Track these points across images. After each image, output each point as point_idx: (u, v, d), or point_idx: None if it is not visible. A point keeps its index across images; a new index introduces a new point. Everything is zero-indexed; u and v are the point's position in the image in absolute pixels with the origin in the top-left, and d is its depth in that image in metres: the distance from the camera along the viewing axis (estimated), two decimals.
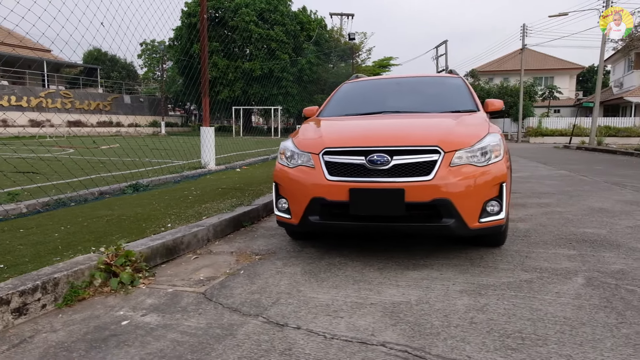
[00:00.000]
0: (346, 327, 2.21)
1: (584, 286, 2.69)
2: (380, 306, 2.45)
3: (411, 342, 2.03)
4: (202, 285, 2.86)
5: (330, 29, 35.90)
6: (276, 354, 1.96)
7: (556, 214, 4.85)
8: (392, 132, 3.25)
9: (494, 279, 2.83)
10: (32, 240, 3.54)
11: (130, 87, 42.99)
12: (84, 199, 5.48)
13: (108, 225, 4.00)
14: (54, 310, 2.51)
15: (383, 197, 2.89)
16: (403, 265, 3.14)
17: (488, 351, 1.93)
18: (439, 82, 4.69)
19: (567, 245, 3.60)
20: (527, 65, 39.64)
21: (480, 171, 2.93)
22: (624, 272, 2.93)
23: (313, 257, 3.41)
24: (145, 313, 2.45)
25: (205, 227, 3.91)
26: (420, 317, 2.30)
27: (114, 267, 2.85)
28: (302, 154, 3.23)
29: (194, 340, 2.11)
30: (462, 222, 2.87)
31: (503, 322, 2.21)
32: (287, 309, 2.45)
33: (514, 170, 9.78)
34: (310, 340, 2.07)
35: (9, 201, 4.91)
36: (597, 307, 2.38)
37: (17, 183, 6.64)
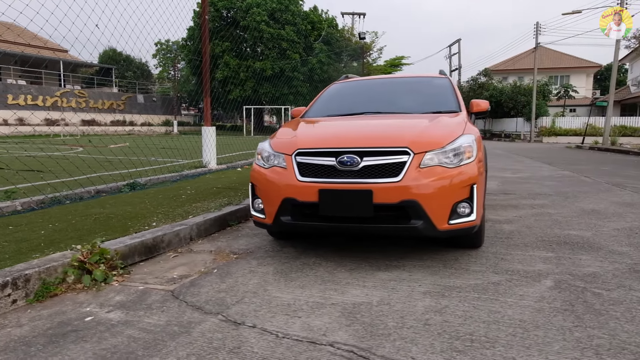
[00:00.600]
0: (300, 326, 2.23)
1: (550, 289, 2.67)
2: (340, 306, 2.47)
3: (360, 342, 2.05)
4: (173, 284, 2.91)
5: (341, 29, 35.86)
6: (225, 351, 2.00)
7: (546, 216, 4.79)
8: (364, 134, 3.27)
9: (462, 281, 2.83)
10: (17, 237, 3.64)
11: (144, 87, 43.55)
12: (80, 197, 5.59)
13: (95, 224, 4.09)
14: (25, 305, 2.58)
15: (351, 198, 2.90)
16: (375, 266, 3.15)
17: (434, 353, 1.94)
18: (425, 82, 4.68)
19: (546, 247, 3.57)
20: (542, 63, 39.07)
21: (450, 173, 2.93)
22: (595, 275, 2.90)
23: (289, 257, 3.44)
24: (111, 310, 2.51)
25: (188, 226, 3.97)
26: (376, 318, 2.31)
27: (88, 265, 2.92)
28: (277, 155, 3.26)
29: (149, 337, 2.16)
30: (430, 224, 2.87)
31: (457, 325, 2.21)
32: (248, 308, 2.49)
33: (516, 170, 9.69)
34: (261, 339, 2.11)
35: (5, 199, 5.04)
36: (557, 310, 2.36)
37: (20, 181, 6.82)
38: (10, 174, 7.60)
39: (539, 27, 30.42)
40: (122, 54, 42.66)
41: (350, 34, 35.82)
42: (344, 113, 4.08)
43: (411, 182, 2.85)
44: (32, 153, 12.75)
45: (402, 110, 4.01)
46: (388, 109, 4.07)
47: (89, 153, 13.28)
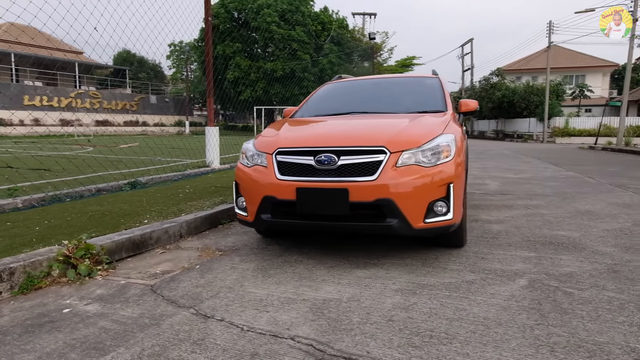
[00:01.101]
0: (267, 320, 2.29)
1: (523, 288, 2.68)
2: (310, 302, 2.52)
3: (321, 336, 2.10)
4: (154, 279, 2.99)
5: (351, 29, 35.88)
6: (188, 343, 2.06)
7: (538, 216, 4.77)
8: (342, 133, 3.31)
9: (437, 279, 2.85)
10: (12, 233, 3.76)
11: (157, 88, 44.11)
12: (80, 195, 5.73)
13: (89, 220, 4.20)
14: (9, 297, 2.68)
15: (328, 196, 2.95)
16: (354, 264, 3.19)
17: (390, 347, 1.98)
18: (414, 82, 4.70)
19: (530, 247, 3.57)
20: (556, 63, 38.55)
21: (426, 172, 2.95)
22: (572, 274, 2.90)
23: (272, 254, 3.50)
24: (90, 302, 2.59)
25: (178, 223, 4.06)
26: (342, 314, 2.35)
27: (73, 259, 3.01)
28: (259, 154, 3.32)
29: (120, 328, 2.23)
30: (405, 222, 2.90)
31: (420, 321, 2.24)
32: (221, 302, 2.55)
33: (520, 171, 9.61)
34: (226, 332, 2.17)
35: (7, 196, 5.20)
36: (524, 308, 2.38)
37: (28, 179, 7.02)
38: (18, 173, 7.81)
39: (552, 26, 30.03)
40: (135, 56, 43.29)
41: (361, 34, 35.80)
42: (331, 113, 4.13)
43: (386, 180, 2.89)
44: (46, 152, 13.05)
45: (388, 110, 4.04)
46: (374, 109, 4.10)
47: (100, 152, 13.54)
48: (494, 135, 38.13)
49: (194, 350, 1.99)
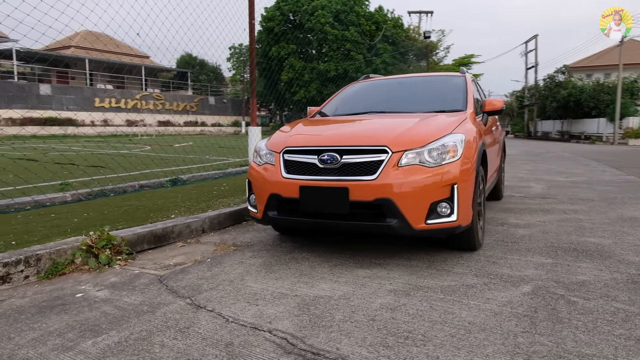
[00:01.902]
0: (253, 313, 2.36)
1: (524, 294, 2.56)
2: (300, 298, 2.57)
3: (298, 331, 2.14)
4: (166, 270, 3.17)
5: (407, 28, 35.32)
6: (174, 330, 2.19)
7: (573, 222, 4.50)
8: (347, 133, 3.32)
9: (436, 282, 2.80)
10: (53, 223, 4.12)
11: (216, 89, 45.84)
12: (124, 190, 6.13)
13: (122, 214, 4.50)
14: (35, 281, 2.96)
15: (329, 195, 2.98)
16: (359, 263, 3.20)
17: (360, 346, 1.99)
18: (439, 81, 4.60)
19: (550, 253, 3.39)
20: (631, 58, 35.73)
21: (429, 172, 2.90)
22: (584, 283, 2.73)
23: (283, 251, 3.58)
24: (102, 289, 2.80)
25: (201, 219, 4.25)
26: (327, 311, 2.38)
27: (95, 249, 3.26)
28: (270, 153, 3.42)
29: (118, 313, 2.40)
30: (405, 223, 2.87)
31: (402, 322, 2.23)
32: (217, 294, 2.66)
33: (572, 174, 9.06)
34: (211, 322, 2.27)
35: (59, 191, 5.67)
36: (516, 315, 2.28)
37: (85, 174, 7.62)
38: (79, 169, 8.48)
39: None
40: (197, 59, 45.25)
41: (416, 33, 35.16)
42: (349, 113, 4.15)
43: (386, 180, 2.87)
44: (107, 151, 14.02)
45: (405, 109, 3.99)
46: (392, 109, 4.07)
47: (155, 151, 14.33)
48: (558, 137, 35.99)
49: (176, 337, 2.11)
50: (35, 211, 4.75)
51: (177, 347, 2.02)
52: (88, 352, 1.98)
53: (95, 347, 2.03)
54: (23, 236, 3.62)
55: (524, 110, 43.99)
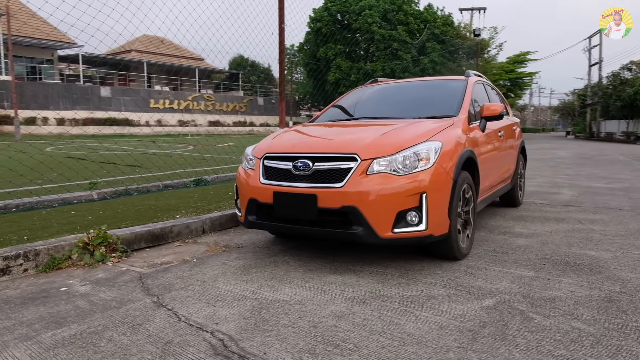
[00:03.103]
0: (207, 314, 2.47)
1: (482, 308, 2.50)
2: (259, 301, 2.65)
3: (237, 334, 2.23)
4: (151, 268, 3.36)
5: (457, 25, 34.26)
6: (126, 326, 2.34)
7: (582, 232, 4.26)
8: (322, 140, 3.36)
9: (400, 291, 2.78)
10: (70, 220, 4.46)
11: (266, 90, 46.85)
12: (147, 190, 6.49)
13: (134, 213, 4.79)
14: (33, 274, 3.24)
15: (299, 201, 3.04)
16: (334, 270, 3.23)
17: (288, 352, 2.04)
18: (439, 85, 4.51)
19: (536, 266, 3.25)
20: None
21: (396, 180, 2.89)
22: (554, 299, 2.61)
23: (268, 254, 3.68)
24: (86, 284, 3.03)
25: (201, 220, 4.44)
26: (276, 315, 2.44)
27: (91, 246, 3.51)
28: (253, 159, 3.52)
29: (88, 307, 2.60)
30: (371, 231, 2.87)
31: (341, 330, 2.25)
32: (184, 294, 2.80)
33: (615, 180, 8.50)
34: (164, 320, 2.40)
35: (88, 189, 6.10)
36: (461, 329, 2.24)
37: (123, 173, 8.14)
38: (117, 168, 9.04)
39: None
40: (248, 60, 46.47)
41: (467, 30, 34.05)
42: (343, 118, 4.18)
43: (353, 188, 2.89)
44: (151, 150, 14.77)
45: (397, 115, 3.96)
46: (384, 114, 4.06)
47: (197, 151, 14.92)
48: (623, 138, 33.53)
49: (125, 333, 2.26)
50: (60, 208, 5.15)
51: (121, 342, 2.16)
52: (43, 343, 2.17)
53: (52, 339, 2.22)
54: (38, 232, 3.96)
55: (586, 109, 41.43)
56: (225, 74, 44.84)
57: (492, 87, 5.46)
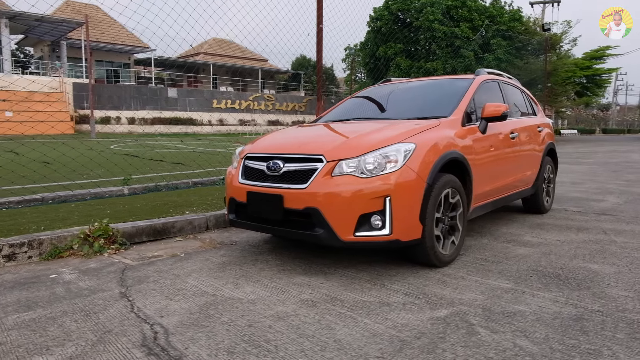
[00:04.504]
0: (158, 307, 2.59)
1: (430, 319, 2.39)
2: (214, 298, 2.72)
3: (174, 327, 2.31)
4: (139, 261, 3.55)
5: (526, 20, 32.34)
6: (82, 313, 2.51)
7: (598, 244, 3.91)
8: (296, 141, 3.35)
9: (358, 296, 2.73)
10: (91, 213, 4.82)
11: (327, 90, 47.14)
12: (176, 186, 6.83)
13: (150, 208, 5.07)
14: (37, 261, 3.55)
15: (267, 201, 3.07)
16: (307, 271, 3.22)
17: (209, 348, 2.09)
18: (444, 84, 4.31)
19: (520, 277, 3.03)
20: None
21: (359, 182, 2.83)
22: (516, 313, 2.43)
23: (255, 252, 3.75)
24: (74, 272, 3.27)
25: (205, 216, 4.61)
26: (221, 312, 2.50)
27: (91, 238, 3.78)
28: (237, 158, 3.61)
29: (62, 294, 2.81)
30: (332, 233, 2.83)
31: (273, 332, 2.26)
32: (152, 286, 2.94)
33: None
34: (118, 310, 2.54)
35: (121, 185, 6.54)
36: (393, 339, 2.16)
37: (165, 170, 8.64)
38: (160, 166, 9.59)
39: None
40: (310, 61, 47.02)
41: (537, 26, 32.02)
42: (340, 119, 4.16)
43: (316, 189, 2.87)
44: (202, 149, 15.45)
45: (390, 116, 3.88)
46: (378, 115, 3.99)
47: None
48: None
49: (78, 320, 2.43)
50: (90, 202, 5.58)
51: (68, 328, 2.33)
52: (5, 324, 2.39)
53: (15, 321, 2.43)
54: (56, 223, 4.33)
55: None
56: (287, 75, 45.80)
57: (515, 86, 5.15)
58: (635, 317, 2.39)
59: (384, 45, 33.23)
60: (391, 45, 32.99)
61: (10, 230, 3.97)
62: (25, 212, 4.86)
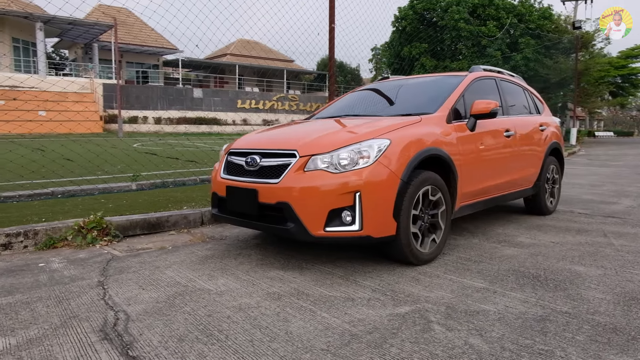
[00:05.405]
0: (130, 296, 2.66)
1: (389, 315, 2.37)
2: (185, 289, 2.78)
3: (137, 315, 2.38)
4: (127, 252, 3.66)
5: (556, 18, 31.37)
6: (55, 300, 2.61)
7: (593, 246, 3.78)
8: (275, 136, 3.38)
9: (326, 291, 2.74)
10: (92, 206, 4.99)
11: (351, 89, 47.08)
12: (183, 183, 6.98)
13: (150, 203, 5.20)
14: (32, 251, 3.71)
15: (243, 195, 3.11)
16: (284, 265, 3.25)
17: (162, 335, 2.14)
18: (435, 82, 4.24)
19: (497, 278, 2.97)
20: None
21: (330, 177, 2.83)
22: (479, 312, 2.39)
23: (241, 247, 3.80)
24: (62, 262, 3.40)
25: (200, 211, 4.70)
26: (186, 302, 2.55)
27: (85, 230, 3.92)
28: (221, 155, 3.67)
29: (45, 281, 2.93)
30: (302, 228, 2.85)
31: (229, 322, 2.29)
32: (130, 277, 3.03)
33: None
34: (90, 298, 2.63)
35: (129, 181, 6.73)
36: (344, 333, 2.16)
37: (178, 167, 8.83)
38: (176, 163, 9.81)
39: None
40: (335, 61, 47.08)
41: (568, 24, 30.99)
42: (329, 115, 4.16)
43: (287, 184, 2.90)
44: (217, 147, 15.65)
45: (375, 112, 3.87)
46: (364, 112, 3.99)
47: None
48: None
49: (49, 305, 2.53)
50: (97, 196, 5.77)
51: (38, 312, 2.43)
52: None
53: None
54: (58, 215, 4.50)
55: None
56: (313, 75, 45.98)
57: (517, 84, 5.03)
58: (603, 320, 2.31)
59: (408, 45, 32.89)
60: (416, 45, 32.62)
61: (13, 221, 4.15)
62: (33, 205, 5.07)
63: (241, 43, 42.52)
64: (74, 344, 2.06)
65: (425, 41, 32.29)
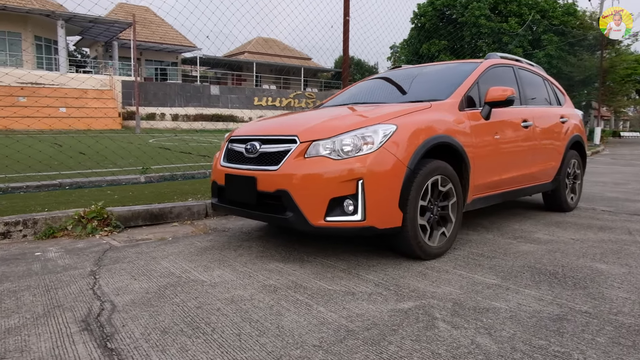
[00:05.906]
0: (119, 286, 2.55)
1: (391, 311, 2.20)
2: (178, 280, 2.65)
3: (123, 306, 2.26)
4: (125, 243, 3.56)
5: (581, 14, 30.50)
6: (44, 288, 2.51)
7: (617, 244, 3.53)
8: (277, 123, 3.22)
9: (325, 284, 2.58)
10: (98, 197, 4.91)
11: None
12: (192, 176, 6.89)
13: (157, 194, 5.12)
14: (32, 240, 3.64)
15: (241, 183, 2.97)
16: (285, 258, 3.10)
17: (146, 327, 2.01)
18: (451, 69, 4.03)
19: (511, 274, 2.77)
20: None
21: (332, 164, 2.67)
22: (490, 310, 2.20)
23: (242, 239, 3.67)
24: (59, 251, 3.31)
25: (204, 203, 4.59)
26: (178, 294, 2.43)
27: (85, 219, 3.84)
28: (222, 143, 3.54)
29: (38, 270, 2.84)
30: (302, 218, 2.69)
31: (218, 315, 2.15)
32: (124, 267, 2.92)
33: None
34: (79, 287, 2.53)
35: (139, 174, 6.68)
36: (340, 329, 2.00)
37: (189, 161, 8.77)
38: (188, 158, 9.76)
39: None
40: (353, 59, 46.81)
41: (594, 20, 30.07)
42: (338, 103, 4.01)
43: (286, 171, 2.75)
44: None
45: (385, 100, 3.69)
46: (374, 99, 3.81)
47: None
48: None
49: (36, 294, 2.43)
50: (104, 188, 5.72)
51: (24, 301, 2.33)
52: None
53: None
54: (60, 205, 4.43)
55: None
56: (331, 73, 45.82)
57: (537, 73, 4.78)
58: (627, 320, 2.10)
59: (427, 42, 32.44)
60: (435, 42, 32.13)
61: (17, 210, 4.09)
62: (39, 196, 5.03)
63: (259, 41, 42.55)
64: (52, 334, 1.95)
65: (444, 38, 31.79)
